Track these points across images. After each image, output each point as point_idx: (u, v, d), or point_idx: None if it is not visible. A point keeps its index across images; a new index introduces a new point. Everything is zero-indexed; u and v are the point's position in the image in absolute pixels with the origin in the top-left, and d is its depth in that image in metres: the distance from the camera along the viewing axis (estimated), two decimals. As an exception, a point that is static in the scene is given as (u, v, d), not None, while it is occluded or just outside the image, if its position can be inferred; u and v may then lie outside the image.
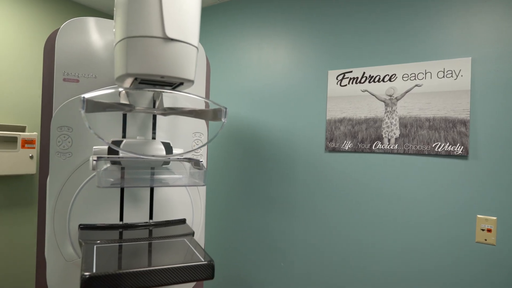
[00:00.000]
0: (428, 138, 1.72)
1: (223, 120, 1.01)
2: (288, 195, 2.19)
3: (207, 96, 1.65)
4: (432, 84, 1.71)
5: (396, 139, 1.80)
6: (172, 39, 0.87)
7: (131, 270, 0.92)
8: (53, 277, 1.30)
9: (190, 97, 1.46)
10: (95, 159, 1.04)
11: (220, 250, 2.52)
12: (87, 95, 0.87)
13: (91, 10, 2.79)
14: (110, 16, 2.92)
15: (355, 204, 1.94)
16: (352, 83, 1.95)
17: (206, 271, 1.01)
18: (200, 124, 1.55)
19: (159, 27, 0.85)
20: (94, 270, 0.90)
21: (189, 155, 1.47)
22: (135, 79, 0.93)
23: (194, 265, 0.99)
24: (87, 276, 0.88)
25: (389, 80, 1.83)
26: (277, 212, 2.24)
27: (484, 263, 1.59)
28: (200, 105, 1.55)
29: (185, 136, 1.50)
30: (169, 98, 1.39)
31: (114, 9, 1.00)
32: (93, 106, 0.92)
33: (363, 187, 1.91)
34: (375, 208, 1.88)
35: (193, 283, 1.55)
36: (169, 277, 0.96)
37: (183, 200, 1.45)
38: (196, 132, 1.54)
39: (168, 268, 0.96)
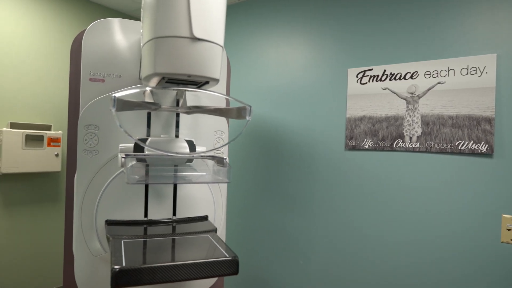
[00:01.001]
0: (451, 136, 1.69)
1: (247, 118, 1.02)
2: (307, 193, 2.20)
3: (228, 95, 1.67)
4: (455, 82, 1.69)
5: (418, 137, 1.78)
6: (199, 39, 0.88)
7: (159, 265, 0.94)
8: (80, 271, 1.35)
9: (211, 96, 1.48)
10: (124, 156, 1.06)
11: (239, 247, 2.54)
12: (117, 94, 0.90)
13: (113, 11, 2.85)
14: (131, 17, 2.97)
15: (375, 203, 1.93)
16: (372, 81, 1.93)
17: (231, 267, 1.03)
18: (221, 123, 1.57)
19: (186, 28, 0.87)
20: (123, 264, 0.93)
21: (211, 153, 1.49)
22: (162, 78, 0.95)
23: (219, 260, 1.01)
24: (117, 270, 0.91)
25: (411, 77, 1.81)
26: (297, 210, 2.25)
27: (510, 264, 1.56)
28: (221, 103, 1.57)
29: (207, 134, 1.53)
30: (191, 96, 1.41)
31: (142, 10, 1.02)
32: (123, 105, 0.95)
33: (384, 186, 1.90)
34: (396, 207, 1.86)
35: (214, 279, 1.58)
36: (195, 272, 0.99)
37: (205, 198, 1.48)
38: (218, 130, 1.56)
39: (195, 263, 0.98)
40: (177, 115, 1.40)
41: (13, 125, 2.22)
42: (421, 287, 1.77)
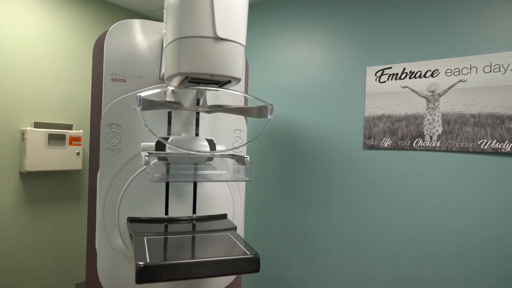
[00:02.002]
0: (473, 135, 1.66)
1: (269, 117, 1.03)
2: (325, 192, 2.19)
3: (247, 93, 1.68)
4: (477, 79, 1.65)
5: (438, 136, 1.76)
6: (222, 39, 0.90)
7: (182, 261, 0.96)
8: (103, 267, 1.38)
9: (230, 94, 1.50)
10: (147, 154, 1.09)
11: (256, 245, 2.55)
12: (142, 94, 0.92)
13: (132, 12, 2.90)
14: (150, 18, 3.02)
15: (394, 202, 1.91)
16: (391, 79, 1.91)
17: (252, 264, 1.03)
18: (239, 121, 1.58)
19: (210, 28, 0.88)
20: (148, 260, 0.95)
21: (232, 152, 1.50)
22: (185, 78, 0.97)
23: (241, 258, 1.02)
24: (142, 266, 0.93)
25: (431, 75, 1.78)
26: (314, 209, 2.24)
27: (535, 266, 1.52)
28: (240, 102, 1.58)
29: (226, 133, 1.54)
30: (210, 95, 1.43)
31: (164, 11, 1.04)
32: (148, 104, 0.97)
33: (403, 185, 1.88)
34: (415, 206, 1.84)
35: (233, 277, 1.59)
36: (217, 269, 1.00)
37: (224, 196, 1.49)
38: (236, 129, 1.57)
39: (217, 260, 0.99)
40: (197, 114, 1.42)
41: (36, 125, 2.28)
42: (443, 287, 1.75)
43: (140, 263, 0.94)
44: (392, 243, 1.92)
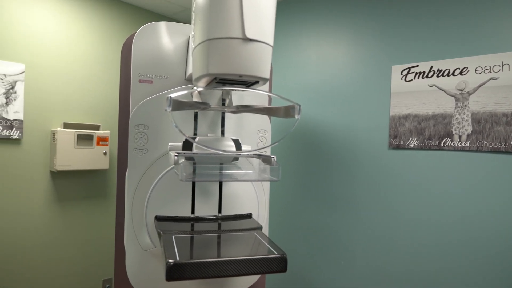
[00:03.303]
0: (505, 134, 1.61)
1: (296, 117, 1.03)
2: (349, 193, 2.17)
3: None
4: (510, 77, 1.60)
5: (468, 135, 1.71)
6: (251, 40, 0.90)
7: (211, 260, 0.97)
8: (131, 265, 1.41)
9: (254, 95, 1.50)
10: (176, 154, 1.10)
11: (280, 246, 2.55)
12: (173, 95, 0.94)
13: (156, 14, 2.95)
14: (173, 20, 3.07)
15: (422, 203, 1.87)
16: (418, 77, 1.87)
17: (280, 264, 1.04)
18: (264, 122, 1.58)
19: (239, 29, 0.89)
20: (177, 258, 0.97)
21: (257, 151, 1.50)
22: (214, 78, 0.98)
23: (269, 257, 1.03)
24: (172, 263, 0.95)
25: (460, 73, 1.73)
26: (338, 210, 2.22)
27: None
28: (265, 102, 1.58)
29: (250, 133, 1.55)
30: (235, 96, 1.44)
31: (193, 13, 1.05)
32: (178, 105, 0.99)
33: (431, 186, 1.83)
34: (444, 207, 1.79)
35: (257, 276, 1.60)
36: (245, 268, 1.00)
37: (249, 196, 1.50)
38: (261, 129, 1.58)
39: (245, 259, 1.00)
40: (223, 114, 1.43)
41: (66, 125, 2.36)
42: (472, 292, 1.70)
43: (170, 261, 0.95)
44: (419, 246, 1.88)
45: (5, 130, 2.15)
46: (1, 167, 2.16)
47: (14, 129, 2.19)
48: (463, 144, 1.72)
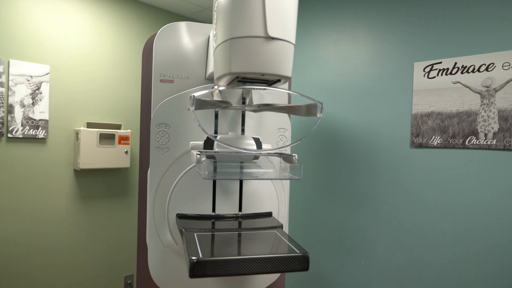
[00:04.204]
0: (534, 132, 1.55)
1: (318, 115, 1.02)
2: (370, 192, 2.14)
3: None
4: (539, 73, 1.54)
5: (494, 133, 1.66)
6: (273, 38, 0.90)
7: (234, 257, 0.98)
8: (153, 262, 1.43)
9: (273, 93, 1.50)
10: (199, 153, 1.11)
11: (300, 244, 2.55)
12: (196, 94, 0.95)
13: (175, 15, 2.99)
14: (192, 20, 3.09)
15: (446, 203, 1.83)
16: (441, 74, 1.83)
17: (302, 263, 1.03)
18: (284, 120, 1.58)
19: (261, 27, 0.89)
20: (200, 255, 0.98)
21: (279, 150, 1.50)
22: (236, 77, 0.98)
23: (291, 256, 1.02)
24: (195, 260, 0.96)
25: (486, 70, 1.68)
26: (359, 209, 2.20)
27: None
28: (284, 100, 1.58)
29: (270, 132, 1.55)
30: (255, 94, 1.44)
31: (214, 13, 1.06)
32: (201, 103, 1.00)
33: (455, 184, 1.79)
34: (468, 208, 1.75)
35: (278, 275, 1.60)
36: (267, 266, 1.01)
37: (269, 194, 1.50)
38: (281, 128, 1.57)
39: (268, 257, 1.00)
40: (243, 112, 1.43)
41: (89, 125, 2.41)
42: (498, 295, 1.66)
43: (194, 258, 0.96)
44: (443, 247, 1.84)
45: (31, 130, 2.22)
46: (27, 165, 2.23)
47: (40, 128, 2.26)
48: (489, 142, 1.67)
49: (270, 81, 1.04)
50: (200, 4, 2.78)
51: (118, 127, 2.58)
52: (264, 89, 1.07)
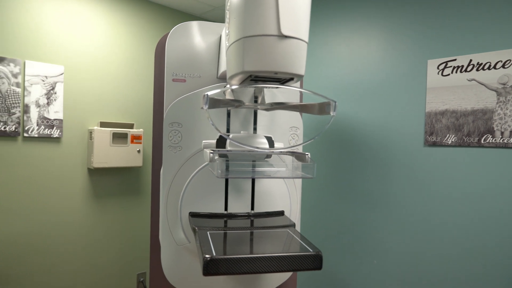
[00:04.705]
0: (553, 130, 1.52)
1: (332, 113, 1.02)
2: (382, 191, 2.12)
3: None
4: (558, 69, 1.51)
5: (511, 131, 1.62)
6: (286, 36, 0.90)
7: (247, 256, 0.98)
8: (166, 260, 1.44)
9: (285, 92, 1.50)
10: (212, 152, 1.12)
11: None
12: (210, 93, 0.95)
13: (186, 14, 3.00)
14: (202, 19, 3.11)
15: (460, 203, 1.80)
16: (456, 72, 1.80)
17: (315, 262, 1.03)
18: (296, 119, 1.57)
19: (275, 26, 0.89)
20: (214, 253, 0.99)
21: (291, 149, 1.50)
22: (249, 76, 0.98)
23: (304, 255, 1.02)
24: (209, 259, 0.97)
25: (502, 66, 1.65)
26: (371, 208, 2.18)
27: None
28: (296, 99, 1.57)
29: (282, 130, 1.54)
30: (267, 93, 1.44)
31: (227, 12, 1.06)
32: (214, 102, 1.00)
33: (470, 184, 1.76)
34: (483, 207, 1.72)
35: (290, 274, 1.60)
36: (280, 265, 1.01)
37: (281, 193, 1.50)
38: (293, 127, 1.57)
39: (281, 256, 1.00)
40: (255, 111, 1.43)
41: (102, 124, 2.44)
42: (515, 296, 1.62)
43: (207, 256, 0.97)
44: (457, 248, 1.81)
45: (46, 129, 2.26)
46: (43, 164, 2.27)
47: (54, 128, 2.30)
48: (505, 141, 1.64)
49: (283, 80, 1.03)
50: (210, 3, 2.79)
51: (131, 126, 2.61)
52: (277, 87, 1.06)
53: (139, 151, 2.55)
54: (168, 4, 2.83)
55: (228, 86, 1.13)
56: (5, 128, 2.11)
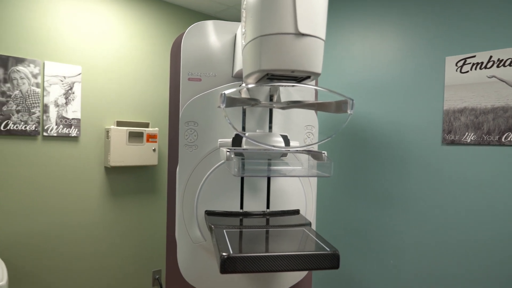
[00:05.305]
0: None
1: (349, 112, 1.01)
2: (400, 190, 2.09)
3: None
4: None
5: (533, 130, 1.58)
6: (303, 34, 0.89)
7: (264, 254, 0.98)
8: (183, 257, 1.45)
9: (302, 90, 1.49)
10: (228, 150, 1.12)
11: (323, 243, 2.53)
12: (227, 92, 0.95)
13: (201, 14, 3.02)
14: (217, 18, 3.12)
15: (479, 202, 1.76)
16: (475, 69, 1.76)
17: (332, 261, 1.02)
18: (311, 117, 1.57)
19: (292, 24, 0.89)
20: (231, 251, 0.99)
21: (308, 147, 1.50)
22: (266, 74, 0.98)
23: (322, 254, 1.02)
24: (226, 257, 0.97)
25: (524, 63, 1.61)
26: (387, 208, 2.15)
27: None
28: (311, 97, 1.57)
29: (298, 129, 1.54)
30: (282, 91, 1.44)
31: (243, 11, 1.06)
32: (231, 101, 1.00)
33: (490, 183, 1.72)
34: (503, 207, 1.68)
35: (305, 273, 1.59)
36: (297, 264, 1.00)
37: (297, 192, 1.49)
38: (308, 125, 1.56)
39: (298, 255, 1.00)
40: (271, 110, 1.43)
41: (119, 123, 2.48)
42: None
43: (224, 254, 0.97)
44: (475, 249, 1.77)
45: (65, 128, 2.31)
46: (61, 162, 2.32)
47: (72, 127, 2.34)
48: (527, 139, 1.60)
49: (299, 78, 1.03)
50: (225, 2, 2.79)
51: (146, 125, 2.64)
52: (293, 86, 1.06)
53: (154, 150, 2.58)
54: (183, 4, 2.85)
55: (244, 84, 1.13)
56: (25, 127, 2.16)
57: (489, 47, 1.72)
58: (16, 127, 2.13)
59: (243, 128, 1.42)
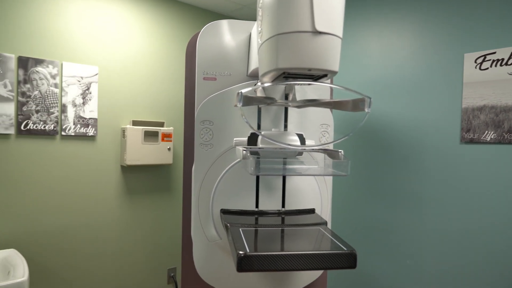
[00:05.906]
0: None
1: (366, 110, 1.00)
2: (416, 190, 2.06)
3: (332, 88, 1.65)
4: None
5: (556, 128, 1.54)
6: (320, 32, 0.89)
7: (281, 253, 0.98)
8: (198, 256, 1.47)
9: (317, 88, 1.48)
10: (245, 149, 1.13)
11: (338, 242, 2.51)
12: (244, 91, 0.96)
13: (215, 13, 3.03)
14: (231, 17, 3.12)
15: (499, 202, 1.72)
16: (495, 65, 1.72)
17: (349, 260, 1.02)
18: (326, 116, 1.56)
19: (309, 22, 0.88)
20: (247, 250, 0.99)
21: (325, 146, 1.49)
22: (283, 73, 0.98)
23: (339, 253, 1.01)
24: (242, 255, 0.97)
25: (547, 59, 1.56)
26: (404, 207, 2.12)
27: None
28: (327, 96, 1.56)
29: (313, 128, 1.53)
30: (298, 90, 1.43)
31: (259, 10, 1.06)
32: (248, 100, 1.01)
33: (510, 183, 1.68)
34: (526, 207, 1.64)
35: (320, 272, 1.58)
36: (314, 263, 1.00)
37: (312, 191, 1.49)
38: (323, 124, 1.55)
39: (316, 254, 0.99)
40: (286, 109, 1.43)
41: (134, 123, 2.51)
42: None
43: (241, 252, 0.98)
44: (494, 250, 1.73)
45: (82, 128, 2.35)
46: (79, 161, 2.37)
47: (89, 127, 2.38)
48: (550, 138, 1.56)
49: (316, 76, 1.02)
50: (239, 2, 2.80)
51: (161, 124, 2.67)
52: (309, 84, 1.06)
53: (169, 149, 2.61)
54: (198, 4, 2.87)
55: (259, 83, 1.13)
56: (44, 127, 2.21)
57: (510, 43, 1.68)
58: (36, 126, 2.18)
59: (259, 127, 1.42)
